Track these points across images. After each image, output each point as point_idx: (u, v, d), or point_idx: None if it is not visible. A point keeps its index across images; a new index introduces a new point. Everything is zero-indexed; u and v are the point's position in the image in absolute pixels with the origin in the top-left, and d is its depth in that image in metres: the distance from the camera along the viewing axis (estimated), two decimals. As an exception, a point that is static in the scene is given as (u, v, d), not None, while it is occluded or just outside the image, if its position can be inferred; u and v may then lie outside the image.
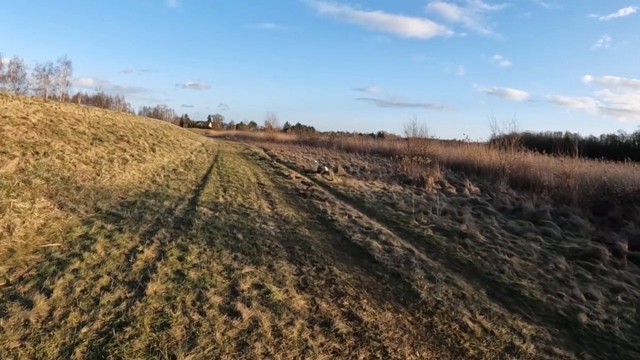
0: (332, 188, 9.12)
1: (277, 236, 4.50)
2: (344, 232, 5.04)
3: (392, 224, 6.06)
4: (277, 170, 11.90)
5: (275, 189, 8.09)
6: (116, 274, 3.11)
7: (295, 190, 8.07)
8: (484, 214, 8.07)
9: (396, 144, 25.62)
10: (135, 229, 4.34)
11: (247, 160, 15.08)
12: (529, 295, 3.85)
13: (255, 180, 9.15)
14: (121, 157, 9.05)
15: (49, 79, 28.49)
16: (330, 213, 6.01)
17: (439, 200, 9.03)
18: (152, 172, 8.54)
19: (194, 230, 4.38)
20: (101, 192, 5.83)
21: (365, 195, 8.36)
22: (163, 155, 12.00)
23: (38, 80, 28.08)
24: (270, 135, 43.62)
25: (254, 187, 8.01)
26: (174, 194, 6.42)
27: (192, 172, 9.67)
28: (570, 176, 11.55)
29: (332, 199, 7.35)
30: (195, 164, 11.83)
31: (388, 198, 8.35)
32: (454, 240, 5.58)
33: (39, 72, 28.08)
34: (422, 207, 7.96)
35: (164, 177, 8.11)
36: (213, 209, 5.53)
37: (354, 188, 9.39)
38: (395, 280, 3.67)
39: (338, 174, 12.81)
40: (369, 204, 7.44)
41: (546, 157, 15.43)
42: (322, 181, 10.30)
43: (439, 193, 10.59)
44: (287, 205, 6.40)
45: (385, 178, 12.83)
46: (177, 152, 14.39)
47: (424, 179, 12.06)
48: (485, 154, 16.43)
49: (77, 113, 15.09)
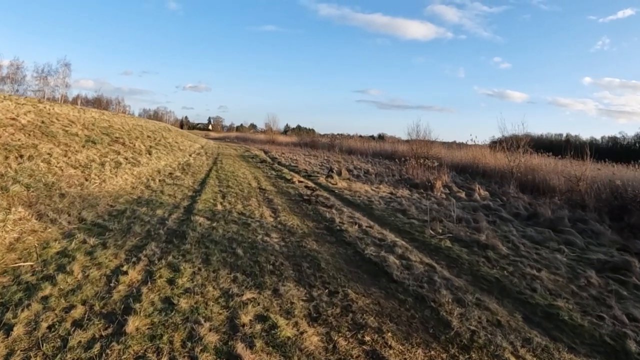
0: (338, 193, 8.62)
1: (281, 251, 3.99)
2: (356, 244, 4.54)
3: (406, 234, 5.56)
4: (278, 173, 11.41)
5: (278, 194, 7.59)
6: (93, 304, 2.60)
7: (298, 196, 7.57)
8: (500, 221, 7.58)
9: (398, 146, 25.24)
10: (121, 243, 3.83)
11: (248, 163, 14.58)
12: (569, 319, 3.36)
13: (256, 184, 8.65)
14: (114, 161, 8.55)
15: (48, 80, 28.03)
16: (339, 222, 5.51)
17: (452, 207, 8.54)
18: (147, 177, 8.04)
19: (187, 244, 3.87)
20: (88, 200, 5.32)
21: (373, 201, 7.86)
22: (160, 158, 11.50)
23: (37, 82, 27.63)
24: (271, 137, 43.14)
25: (255, 192, 7.51)
26: (168, 201, 5.91)
27: (190, 176, 9.17)
28: (581, 180, 11.10)
29: (338, 205, 6.85)
30: (193, 167, 11.32)
31: (397, 204, 7.85)
32: (474, 253, 5.10)
33: (38, 74, 27.64)
34: (435, 214, 7.48)
35: (159, 182, 7.61)
36: (210, 218, 5.03)
37: (360, 193, 8.89)
38: (420, 305, 3.17)
39: (342, 177, 12.32)
40: (379, 211, 6.94)
41: (552, 159, 15.01)
42: (327, 185, 9.80)
43: (448, 198, 10.12)
44: (291, 213, 5.90)
45: (391, 182, 12.36)
46: (174, 155, 13.89)
47: (432, 183, 11.60)
48: (490, 156, 16.02)
49: (72, 114, 14.62)
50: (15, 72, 27.42)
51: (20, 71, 27.18)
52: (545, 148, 16.17)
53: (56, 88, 29.30)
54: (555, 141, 39.17)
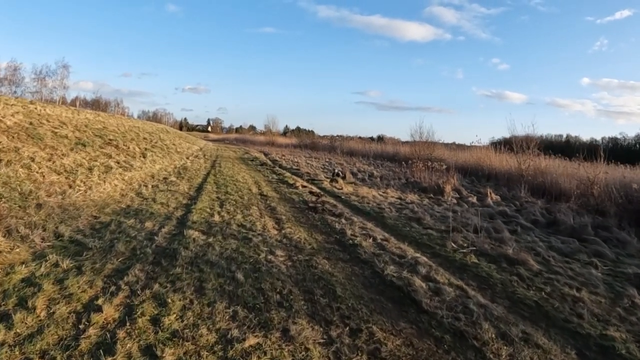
0: (345, 199, 8.04)
1: (289, 273, 3.40)
2: (374, 263, 3.95)
3: (426, 247, 4.98)
4: (280, 177, 10.82)
5: (281, 201, 7.00)
6: (54, 356, 2.01)
7: (303, 203, 6.98)
8: (521, 229, 7.02)
9: (400, 148, 24.80)
10: (100, 266, 3.23)
11: (247, 167, 13.99)
12: (627, 353, 2.81)
13: (256, 190, 8.06)
14: (104, 165, 7.95)
15: (46, 82, 27.46)
16: (351, 235, 4.92)
17: (467, 214, 7.98)
18: (139, 182, 7.45)
19: (178, 267, 3.28)
20: (68, 211, 4.72)
21: (383, 208, 7.28)
22: (155, 161, 10.90)
23: (35, 83, 27.09)
24: (270, 139, 42.62)
25: (255, 199, 6.92)
26: (160, 211, 5.32)
27: (186, 181, 8.57)
28: (594, 183, 10.55)
29: (347, 213, 6.27)
30: (190, 171, 10.73)
31: (410, 211, 7.28)
32: (504, 270, 4.53)
33: (36, 75, 27.09)
34: (452, 222, 6.92)
35: (152, 188, 7.01)
36: (206, 231, 4.43)
37: (368, 199, 8.31)
38: (460, 345, 2.59)
39: (347, 181, 11.75)
40: (391, 220, 6.36)
41: (560, 161, 14.49)
42: (332, 191, 9.22)
43: (459, 203, 9.56)
44: (296, 224, 5.31)
45: (398, 186, 11.79)
46: (171, 158, 13.30)
47: (442, 187, 11.04)
48: (495, 158, 15.54)
49: (65, 115, 14.04)
50: (13, 74, 26.89)
51: (18, 73, 26.65)
52: (546, 149, 15.91)
53: (54, 89, 28.75)
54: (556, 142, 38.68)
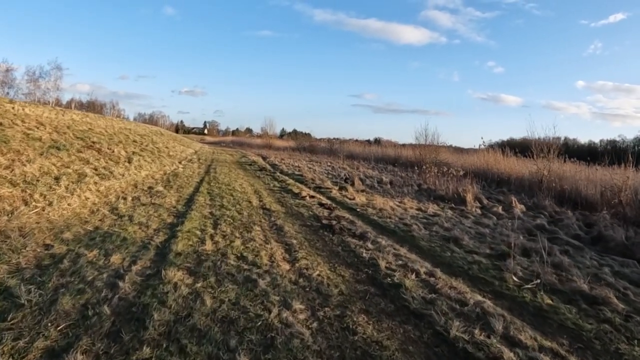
0: (361, 212, 6.88)
1: (318, 348, 2.22)
2: (431, 318, 2.79)
3: (483, 283, 3.84)
4: (283, 185, 9.63)
5: (288, 217, 5.81)
6: None
7: (315, 219, 5.81)
8: (572, 249, 5.91)
9: (401, 151, 23.92)
10: (25, 344, 2.04)
11: (245, 172, 12.77)
12: None
13: (257, 202, 6.87)
14: (77, 172, 6.73)
15: (39, 83, 26.27)
16: (386, 267, 3.76)
17: (500, 228, 6.88)
18: (117, 194, 6.23)
19: (146, 345, 2.08)
20: (10, 240, 3.51)
21: (409, 225, 6.13)
22: (141, 167, 9.66)
23: (28, 85, 25.94)
24: (268, 141, 41.47)
25: (257, 215, 5.72)
26: (135, 236, 4.11)
27: (175, 191, 7.35)
28: (622, 190, 9.53)
29: (370, 233, 5.11)
30: (181, 178, 9.50)
31: (441, 228, 6.14)
32: (588, 314, 3.46)
33: (29, 76, 25.92)
34: (490, 241, 5.80)
35: (132, 202, 5.80)
36: (194, 270, 3.24)
37: (387, 211, 7.16)
38: None
39: (356, 188, 10.60)
40: (424, 242, 5.22)
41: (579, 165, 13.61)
42: (343, 201, 8.06)
43: (486, 214, 8.48)
44: (312, 251, 4.14)
45: (411, 193, 10.68)
46: (161, 162, 12.06)
47: (462, 196, 9.95)
48: (505, 162, 14.64)
49: (46, 116, 12.78)
50: (6, 75, 25.71)
51: (10, 74, 25.54)
52: None
53: (47, 91, 27.57)
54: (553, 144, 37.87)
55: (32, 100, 24.82)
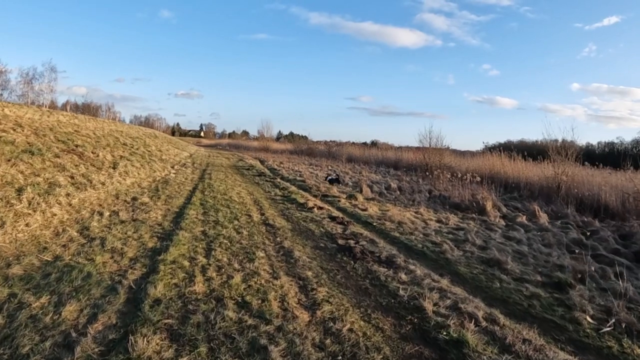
0: (379, 228, 5.96)
1: None
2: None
3: (556, 329, 2.94)
4: (285, 193, 8.68)
5: (297, 236, 4.86)
6: None
7: (328, 238, 4.87)
8: (626, 271, 5.03)
9: (402, 154, 23.19)
10: None
11: (243, 177, 11.80)
12: None
13: (259, 216, 5.92)
14: (48, 182, 5.74)
15: (33, 84, 25.24)
16: (433, 312, 2.84)
17: (535, 243, 6.01)
18: (93, 208, 5.26)
19: None
20: None
21: (436, 242, 5.22)
22: (127, 173, 8.67)
23: (22, 86, 24.93)
24: (265, 144, 40.49)
25: (259, 234, 4.77)
26: (102, 271, 3.15)
27: (162, 202, 6.38)
28: None
29: (398, 257, 4.19)
30: (172, 185, 8.52)
31: (474, 246, 5.25)
32: None
33: (22, 78, 24.90)
34: (534, 262, 4.94)
35: (108, 219, 4.83)
36: (176, 334, 2.28)
37: (407, 225, 6.24)
38: None
39: (365, 196, 9.69)
40: (463, 267, 4.31)
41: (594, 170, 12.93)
42: (355, 212, 7.13)
43: (511, 226, 7.66)
44: (334, 289, 3.20)
45: (424, 201, 9.79)
46: (151, 168, 11.06)
47: (482, 205, 9.09)
48: (510, 166, 13.93)
49: (27, 117, 11.78)
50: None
51: (4, 75, 24.49)
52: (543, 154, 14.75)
53: (41, 93, 26.56)
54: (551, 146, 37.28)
55: (26, 102, 23.81)
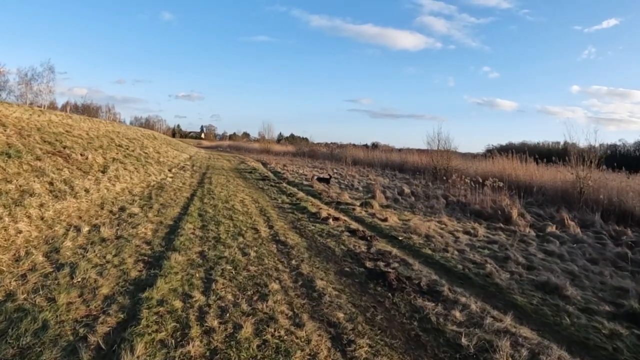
0: (406, 243, 5.10)
1: None
2: None
3: None
4: (294, 201, 7.82)
5: (315, 258, 4.01)
6: None
7: (353, 259, 4.02)
8: None
9: (407, 157, 22.46)
10: None
11: (246, 182, 10.94)
12: None
13: (267, 230, 5.06)
14: (20, 190, 4.90)
15: (31, 85, 24.69)
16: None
17: (577, 259, 5.18)
18: (70, 221, 4.42)
19: None
20: None
21: (477, 261, 4.37)
22: (118, 178, 7.81)
23: (20, 86, 24.38)
24: (266, 146, 39.72)
25: (271, 256, 3.92)
26: (63, 320, 2.29)
27: (154, 213, 5.53)
28: None
29: (442, 285, 3.34)
30: (167, 192, 7.66)
31: (519, 266, 4.41)
32: None
33: (20, 78, 24.36)
34: (590, 285, 4.12)
35: (85, 237, 3.97)
36: None
37: (436, 240, 5.39)
38: None
39: (380, 202, 8.84)
40: (518, 295, 3.45)
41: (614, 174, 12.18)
42: (374, 223, 6.28)
43: (544, 237, 6.90)
44: (377, 337, 2.35)
45: (443, 209, 8.95)
46: (146, 171, 10.21)
47: (507, 213, 8.29)
48: (522, 169, 13.24)
49: (14, 116, 10.93)
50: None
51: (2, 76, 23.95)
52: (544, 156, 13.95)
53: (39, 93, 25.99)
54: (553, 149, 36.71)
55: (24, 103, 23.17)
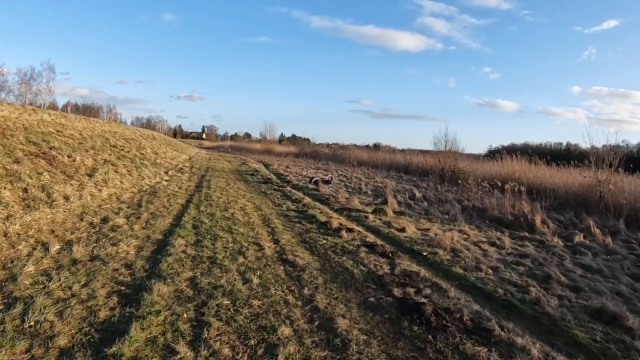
0: (432, 260, 4.38)
1: None
2: None
3: None
4: (300, 207, 7.09)
5: (332, 284, 3.29)
6: None
7: (377, 285, 3.31)
8: None
9: (413, 158, 21.91)
10: None
11: (247, 186, 10.23)
12: None
13: (272, 246, 4.35)
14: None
15: (31, 85, 24.33)
16: None
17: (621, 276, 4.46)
18: (40, 237, 3.72)
19: None
20: None
21: (520, 285, 3.65)
22: (106, 182, 7.12)
23: (19, 86, 24.00)
24: (268, 147, 39.07)
25: (278, 285, 3.20)
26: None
27: (142, 225, 4.81)
28: None
29: (488, 320, 2.63)
30: (160, 197, 6.96)
31: (566, 288, 3.70)
32: None
33: (20, 78, 23.97)
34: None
35: (52, 260, 3.26)
36: None
37: (464, 255, 4.66)
38: None
39: (390, 206, 8.12)
40: (575, 329, 2.73)
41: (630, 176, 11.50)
42: (391, 234, 5.56)
43: (573, 248, 6.25)
44: None
45: (459, 215, 8.23)
46: (140, 174, 9.52)
47: (531, 220, 7.61)
48: (531, 171, 12.70)
49: (1, 115, 10.28)
50: None
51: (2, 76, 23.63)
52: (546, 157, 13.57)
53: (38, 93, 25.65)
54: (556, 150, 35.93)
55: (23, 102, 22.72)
